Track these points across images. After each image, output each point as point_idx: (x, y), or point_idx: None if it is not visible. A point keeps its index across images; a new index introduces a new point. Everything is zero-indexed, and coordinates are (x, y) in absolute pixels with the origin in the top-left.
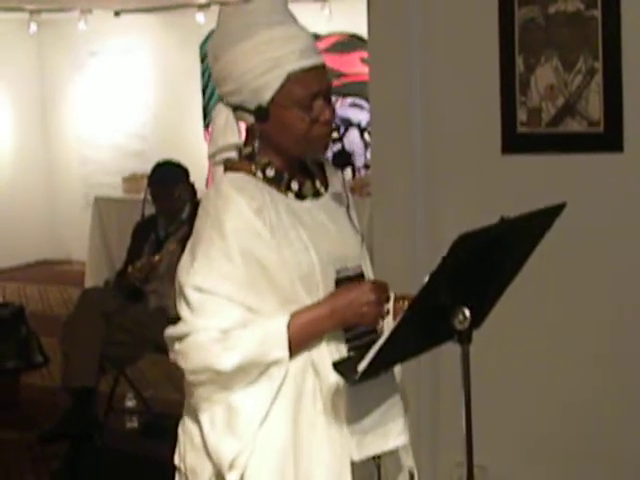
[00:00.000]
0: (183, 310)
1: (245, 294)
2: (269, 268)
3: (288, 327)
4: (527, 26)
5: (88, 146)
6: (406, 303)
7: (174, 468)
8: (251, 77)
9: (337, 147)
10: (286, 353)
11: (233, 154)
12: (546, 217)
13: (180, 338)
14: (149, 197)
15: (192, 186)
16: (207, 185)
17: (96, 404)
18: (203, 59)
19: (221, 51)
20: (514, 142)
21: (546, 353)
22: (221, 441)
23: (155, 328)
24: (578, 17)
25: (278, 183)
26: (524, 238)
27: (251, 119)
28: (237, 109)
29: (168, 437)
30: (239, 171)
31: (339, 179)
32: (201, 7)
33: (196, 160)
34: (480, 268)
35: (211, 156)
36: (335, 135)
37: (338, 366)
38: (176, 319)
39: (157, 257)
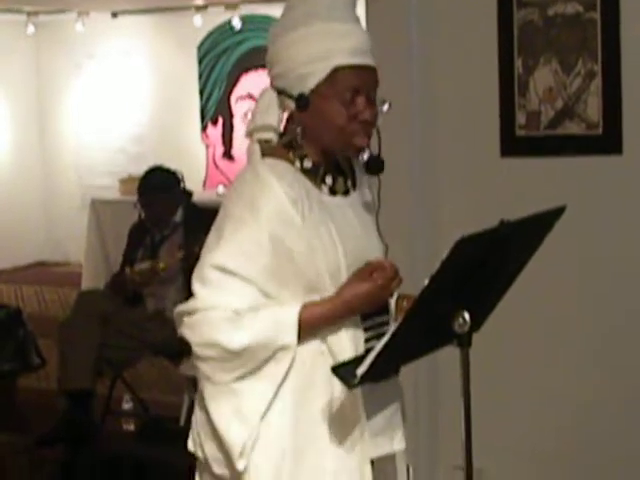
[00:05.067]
0: (197, 286)
1: (266, 280)
2: (297, 257)
3: (300, 315)
4: (526, 28)
5: (85, 148)
6: (405, 302)
7: (171, 470)
8: (299, 63)
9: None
10: (294, 339)
11: (270, 135)
12: (546, 220)
13: (190, 313)
14: (138, 204)
15: (184, 190)
16: (204, 186)
17: (93, 407)
18: (200, 61)
19: (279, 34)
20: (513, 145)
21: (546, 356)
22: (230, 427)
23: (153, 331)
24: (577, 19)
25: (314, 176)
26: (524, 241)
27: (292, 105)
28: (281, 93)
29: (165, 440)
30: (278, 157)
31: (369, 183)
32: (198, 9)
33: (193, 161)
34: (480, 271)
35: (248, 133)
36: None
37: (337, 370)
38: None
39: (162, 265)
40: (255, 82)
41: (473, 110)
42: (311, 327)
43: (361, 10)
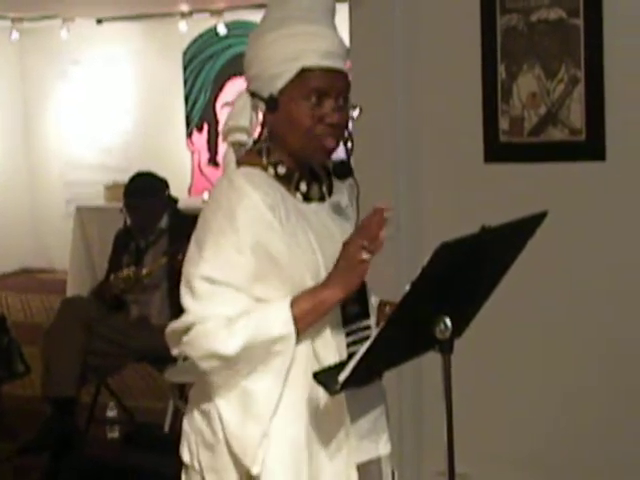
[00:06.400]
0: (188, 301)
1: (253, 285)
2: (280, 260)
3: (291, 304)
4: (509, 34)
5: (70, 154)
6: (387, 308)
7: (156, 477)
8: (270, 64)
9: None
10: (291, 328)
11: (243, 137)
12: (528, 226)
13: (186, 330)
14: (124, 209)
15: (169, 196)
16: (190, 193)
17: (77, 414)
18: (186, 67)
19: (256, 36)
20: (496, 151)
21: (528, 362)
22: (244, 429)
23: (137, 337)
24: (560, 25)
25: (288, 182)
26: (506, 247)
27: (263, 107)
28: (254, 96)
29: (150, 446)
30: (252, 165)
31: (346, 190)
32: (184, 15)
33: (178, 168)
34: (461, 277)
35: (223, 136)
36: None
37: (319, 376)
38: (179, 313)
39: (145, 271)
40: (240, 89)
41: (457, 116)
42: (305, 311)
43: (345, 15)
